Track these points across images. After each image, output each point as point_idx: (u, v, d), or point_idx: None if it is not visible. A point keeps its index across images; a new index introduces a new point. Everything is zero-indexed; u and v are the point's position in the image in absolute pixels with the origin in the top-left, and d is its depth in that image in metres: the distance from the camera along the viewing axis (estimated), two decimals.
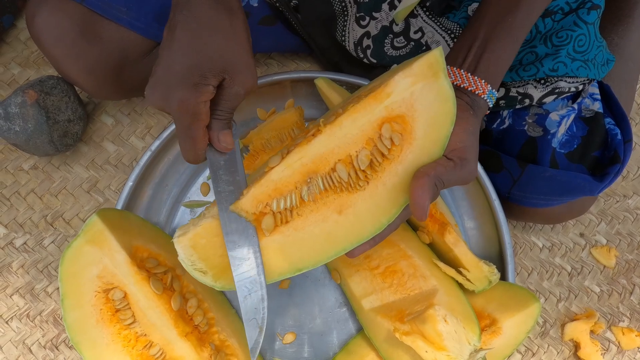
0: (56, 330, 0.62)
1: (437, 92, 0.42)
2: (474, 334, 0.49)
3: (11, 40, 0.71)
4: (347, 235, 0.42)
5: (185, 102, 0.37)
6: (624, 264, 0.70)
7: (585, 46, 0.54)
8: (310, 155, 0.42)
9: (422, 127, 0.42)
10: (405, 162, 0.42)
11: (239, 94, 0.40)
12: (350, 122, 0.42)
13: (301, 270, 0.42)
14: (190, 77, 0.37)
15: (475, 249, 0.61)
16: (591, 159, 0.56)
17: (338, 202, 0.42)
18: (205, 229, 0.42)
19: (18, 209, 0.66)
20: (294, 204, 0.42)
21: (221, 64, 0.38)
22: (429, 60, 0.41)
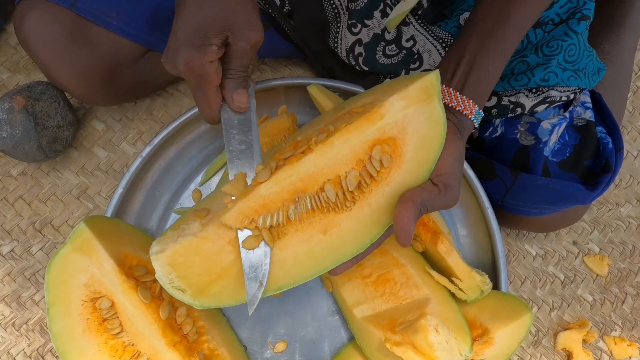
0: (42, 339, 0.61)
1: (429, 115, 0.42)
2: (466, 344, 0.49)
3: (0, 45, 0.71)
4: (330, 255, 0.42)
5: (190, 63, 0.38)
6: (616, 273, 0.70)
7: (575, 56, 0.54)
8: (300, 174, 0.42)
9: (412, 149, 0.42)
10: (392, 184, 0.42)
11: (245, 50, 0.40)
12: (342, 142, 0.42)
13: (282, 288, 0.42)
14: (193, 38, 0.38)
15: (468, 257, 0.61)
16: (583, 167, 0.56)
17: (324, 222, 0.42)
18: (184, 247, 0.41)
19: (5, 215, 0.65)
20: (280, 222, 0.42)
21: (222, 23, 0.38)
22: (425, 83, 0.42)
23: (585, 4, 0.55)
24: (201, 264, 0.41)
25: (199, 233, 0.41)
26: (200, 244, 0.41)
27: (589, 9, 0.54)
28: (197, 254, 0.41)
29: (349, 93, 0.61)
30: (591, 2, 0.55)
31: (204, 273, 0.41)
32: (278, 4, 0.62)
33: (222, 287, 0.41)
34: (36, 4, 0.53)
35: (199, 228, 0.42)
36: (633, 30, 0.66)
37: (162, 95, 0.70)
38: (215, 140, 0.63)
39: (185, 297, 0.41)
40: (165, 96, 0.70)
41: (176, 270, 0.40)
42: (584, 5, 0.54)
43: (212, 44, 0.38)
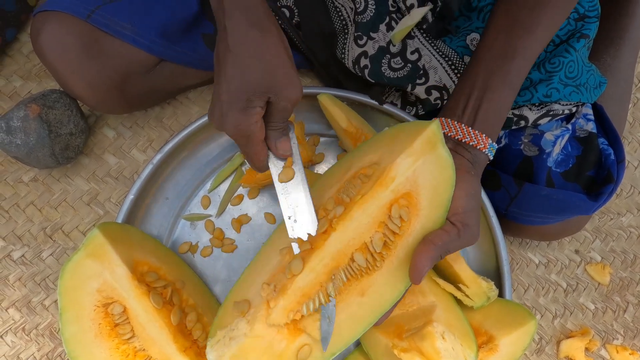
0: (52, 344, 0.61)
1: (437, 162, 0.43)
2: (472, 351, 0.49)
3: (13, 54, 0.72)
4: (371, 312, 0.44)
5: (238, 126, 0.40)
6: (617, 281, 0.70)
7: (575, 72, 0.56)
8: (330, 254, 0.44)
9: (426, 197, 0.44)
10: (414, 233, 0.44)
11: (287, 108, 0.42)
12: (361, 212, 0.44)
13: (334, 354, 0.45)
14: (237, 102, 0.40)
15: (473, 265, 0.62)
16: (586, 178, 0.57)
17: (360, 287, 0.44)
18: (240, 349, 0.44)
19: (17, 221, 0.65)
20: (323, 302, 0.44)
21: (263, 85, 0.40)
22: (428, 135, 0.44)
23: (584, 26, 0.56)
24: (258, 357, 0.44)
25: (249, 333, 0.44)
26: (254, 342, 0.44)
27: (588, 29, 0.56)
28: (253, 351, 0.44)
29: (356, 102, 0.62)
30: (592, 24, 0.56)
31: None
32: (287, 15, 0.64)
33: None
34: (53, 15, 0.54)
35: (248, 327, 0.44)
36: (632, 43, 0.67)
37: (172, 103, 0.71)
38: (225, 148, 0.64)
39: None
40: (175, 104, 0.71)
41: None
42: (583, 27, 0.56)
43: (256, 106, 0.40)
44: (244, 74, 0.39)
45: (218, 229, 0.61)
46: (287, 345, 0.44)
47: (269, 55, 0.40)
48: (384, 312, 0.45)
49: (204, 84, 0.71)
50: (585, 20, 0.56)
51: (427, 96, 0.60)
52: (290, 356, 0.44)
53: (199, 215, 0.62)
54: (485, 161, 0.46)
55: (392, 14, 0.59)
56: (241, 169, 0.63)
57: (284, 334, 0.44)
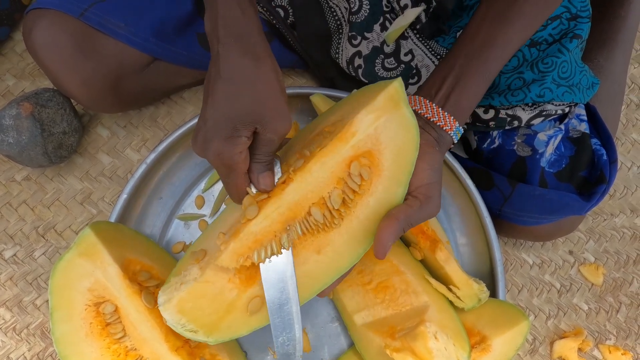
0: (43, 344, 0.61)
1: (400, 122, 0.43)
2: (464, 351, 0.49)
3: (7, 52, 0.72)
4: (327, 272, 0.43)
5: (220, 154, 0.39)
6: (611, 282, 0.71)
7: (569, 72, 0.56)
8: (287, 204, 0.43)
9: (389, 157, 0.43)
10: (375, 193, 0.43)
11: (273, 141, 0.41)
12: (319, 166, 0.43)
13: None
14: (223, 130, 0.39)
15: (467, 265, 0.62)
16: (579, 178, 0.57)
17: (316, 243, 0.43)
18: (189, 293, 0.43)
19: (9, 220, 0.65)
20: (275, 252, 0.43)
21: (251, 116, 0.39)
22: (390, 92, 0.43)
23: (577, 25, 0.56)
24: (208, 305, 0.43)
25: (200, 278, 0.43)
26: (203, 287, 0.43)
27: (581, 29, 0.56)
28: (202, 297, 0.43)
29: None
30: (584, 24, 0.57)
31: (212, 312, 0.43)
32: (282, 15, 0.64)
33: (232, 320, 0.44)
34: (45, 13, 0.54)
35: (199, 273, 0.44)
36: (625, 45, 0.68)
37: (167, 103, 0.71)
38: None
39: (199, 336, 0.43)
40: (169, 104, 0.71)
41: (186, 315, 0.43)
42: (576, 27, 0.56)
43: (242, 135, 0.39)
44: (232, 102, 0.38)
45: None
46: (238, 294, 0.43)
47: (260, 84, 0.39)
48: (340, 274, 0.43)
49: (198, 83, 0.70)
50: (577, 20, 0.57)
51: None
52: (241, 307, 0.43)
53: (193, 215, 0.62)
54: (450, 143, 0.46)
55: (386, 14, 0.60)
56: None
57: (235, 283, 0.43)
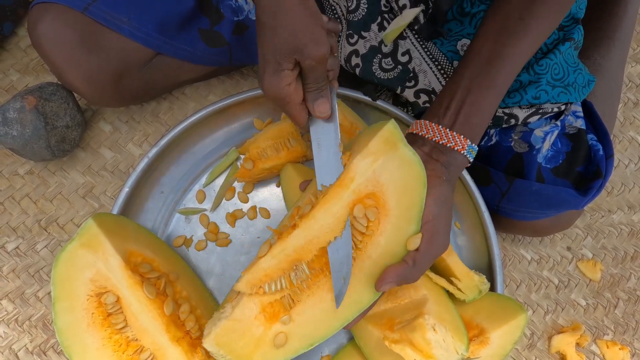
0: (45, 335, 0.61)
1: (400, 162, 0.44)
2: (462, 343, 0.50)
3: (11, 48, 0.72)
4: (346, 310, 0.46)
5: (270, 89, 0.43)
6: (608, 278, 0.71)
7: (561, 74, 0.56)
8: (292, 248, 0.46)
9: (394, 197, 0.44)
10: (385, 233, 0.45)
11: (312, 67, 0.43)
12: (322, 213, 0.45)
13: (312, 345, 0.47)
14: (269, 66, 0.43)
15: (465, 260, 0.62)
16: (575, 174, 0.57)
17: (330, 283, 0.46)
18: (222, 329, 0.47)
19: (12, 213, 0.66)
20: (284, 286, 0.47)
21: (289, 47, 0.41)
22: (384, 135, 0.44)
23: (568, 32, 0.57)
24: (239, 339, 0.47)
25: (230, 316, 0.47)
26: (233, 324, 0.47)
27: (571, 33, 0.57)
28: (233, 332, 0.47)
29: (351, 99, 0.63)
30: (577, 28, 0.57)
31: (244, 346, 0.47)
32: None
33: (262, 354, 0.47)
34: (50, 8, 0.55)
35: (230, 311, 0.47)
36: (622, 44, 0.69)
37: (169, 98, 0.72)
38: (220, 143, 0.64)
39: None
40: (171, 99, 0.72)
41: (223, 347, 0.47)
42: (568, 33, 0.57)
43: (284, 69, 0.42)
44: (271, 39, 0.42)
45: (213, 223, 0.62)
46: (264, 331, 0.47)
47: (290, 17, 0.41)
48: (360, 310, 0.46)
49: (200, 79, 0.71)
50: (565, 30, 0.58)
51: (416, 99, 0.61)
52: (267, 341, 0.47)
53: (194, 209, 0.62)
54: (464, 163, 0.46)
55: (385, 13, 0.60)
56: (236, 163, 0.64)
57: (260, 320, 0.47)
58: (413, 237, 0.44)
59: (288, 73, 0.42)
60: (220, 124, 0.63)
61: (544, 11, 0.47)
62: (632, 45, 0.82)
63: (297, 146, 0.62)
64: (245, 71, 0.74)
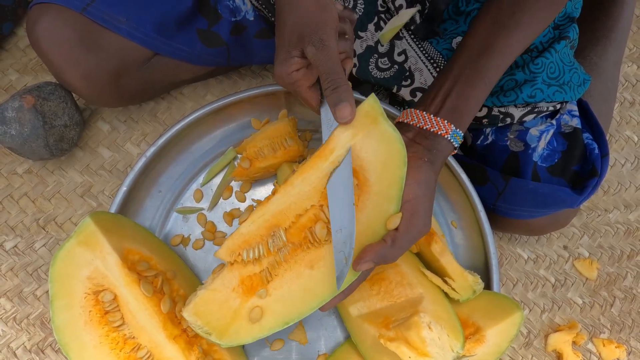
0: (43, 333, 0.62)
1: (381, 137, 0.43)
2: (458, 341, 0.50)
3: (10, 47, 0.73)
4: (323, 287, 0.45)
5: (279, 76, 0.46)
6: (605, 277, 0.71)
7: (557, 72, 0.57)
8: (270, 213, 0.46)
9: (374, 173, 0.44)
10: (365, 210, 0.44)
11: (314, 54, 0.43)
12: (300, 181, 0.46)
13: (288, 323, 0.46)
14: (280, 55, 0.45)
15: (461, 259, 0.62)
16: (571, 172, 0.58)
17: (308, 258, 0.46)
18: (201, 299, 0.47)
19: (10, 212, 0.66)
20: (262, 254, 0.47)
21: (297, 35, 0.44)
22: (365, 109, 0.44)
23: (564, 30, 0.57)
24: (216, 310, 0.47)
25: (209, 286, 0.47)
26: (212, 294, 0.47)
27: (568, 31, 0.57)
28: (211, 303, 0.47)
29: None
30: (573, 27, 0.58)
31: (221, 317, 0.47)
32: None
33: (238, 327, 0.47)
34: (49, 8, 0.55)
35: (210, 282, 0.48)
36: (618, 44, 0.69)
37: (166, 98, 0.72)
38: (218, 142, 0.65)
39: (212, 338, 0.47)
40: (169, 99, 0.72)
41: (200, 318, 0.47)
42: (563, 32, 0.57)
43: (293, 56, 0.44)
44: (283, 30, 0.45)
45: (210, 222, 0.62)
46: (241, 304, 0.47)
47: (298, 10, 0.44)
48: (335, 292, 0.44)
49: (198, 79, 0.71)
50: (560, 29, 0.58)
51: (412, 98, 0.61)
52: (243, 315, 0.47)
53: (192, 208, 0.62)
54: (448, 148, 0.46)
55: (381, 14, 0.60)
56: (234, 163, 0.64)
57: (238, 293, 0.47)
58: (393, 217, 0.43)
59: (297, 60, 0.44)
60: (218, 123, 0.64)
61: (536, 7, 0.47)
62: (628, 45, 0.82)
63: (294, 145, 0.62)
64: (243, 71, 0.75)
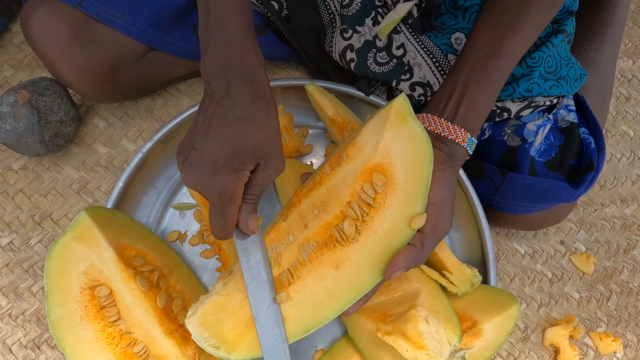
0: (39, 329, 0.61)
1: (409, 136, 0.43)
2: (455, 335, 0.49)
3: (5, 44, 0.72)
4: (348, 289, 0.44)
5: (226, 186, 0.40)
6: (601, 271, 0.71)
7: (554, 66, 0.57)
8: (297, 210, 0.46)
9: (402, 171, 0.43)
10: (391, 207, 0.43)
11: (271, 177, 0.42)
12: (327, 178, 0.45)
13: (310, 330, 0.44)
14: (231, 163, 0.40)
15: (459, 254, 0.62)
16: (568, 167, 0.58)
17: (333, 257, 0.44)
18: (211, 306, 0.44)
19: (5, 208, 0.65)
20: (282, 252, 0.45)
21: (258, 152, 0.41)
22: (394, 108, 0.44)
23: (561, 24, 0.57)
24: (229, 318, 0.43)
25: (221, 291, 0.44)
26: (224, 300, 0.44)
27: (565, 24, 0.57)
28: (223, 310, 0.43)
29: (344, 94, 0.63)
30: (567, 20, 0.58)
31: (233, 327, 0.43)
32: (276, 7, 0.64)
33: (252, 338, 0.43)
34: (43, 2, 0.54)
35: (221, 287, 0.45)
36: (613, 39, 0.69)
37: (163, 94, 0.72)
38: None
39: (221, 353, 0.43)
40: (165, 96, 0.72)
41: (208, 329, 0.43)
42: (561, 25, 0.57)
43: (247, 169, 0.41)
44: (244, 139, 0.40)
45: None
46: None
47: (269, 126, 0.41)
48: (362, 293, 0.44)
49: (193, 75, 0.71)
50: (559, 22, 0.58)
51: (411, 92, 0.61)
52: None
53: (188, 204, 0.62)
54: (464, 155, 0.47)
55: (378, 8, 0.60)
56: None
57: None
58: (418, 216, 0.43)
59: (247, 174, 0.41)
60: None
61: (539, 5, 0.47)
62: (624, 41, 0.83)
63: (290, 141, 0.62)
64: None
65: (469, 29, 0.59)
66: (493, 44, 0.46)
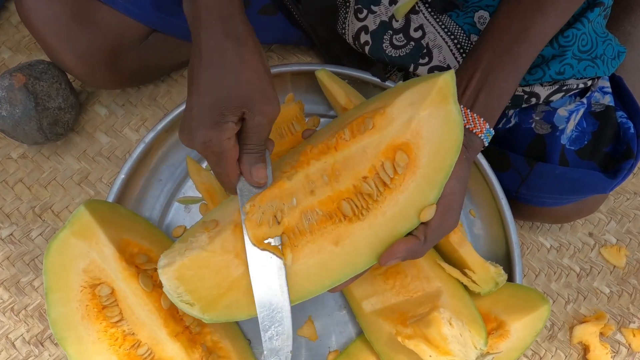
0: (41, 325, 0.60)
1: (445, 119, 0.40)
2: (481, 338, 0.47)
3: (2, 23, 0.69)
4: (343, 268, 0.41)
5: (208, 142, 0.38)
6: (634, 264, 0.68)
7: (589, 45, 0.52)
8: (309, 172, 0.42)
9: (427, 155, 0.41)
10: (406, 192, 0.41)
11: (262, 124, 0.39)
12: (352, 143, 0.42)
13: (294, 302, 0.41)
14: (209, 117, 0.38)
15: (481, 250, 0.59)
16: (602, 155, 0.54)
17: (335, 232, 0.41)
18: (192, 260, 0.41)
19: (5, 198, 0.64)
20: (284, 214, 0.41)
21: (237, 100, 0.38)
22: (438, 84, 0.40)
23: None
24: (210, 277, 0.41)
25: (207, 246, 0.41)
26: (208, 257, 0.41)
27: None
28: (205, 267, 0.41)
29: (357, 80, 0.59)
30: None
31: (213, 287, 0.41)
32: None
33: (233, 300, 0.41)
34: None
35: (207, 241, 0.42)
36: None
37: (166, 81, 0.69)
38: None
39: (194, 311, 0.41)
40: (169, 82, 0.69)
41: (184, 284, 0.41)
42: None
43: (229, 121, 0.38)
44: (217, 87, 0.37)
45: None
46: (244, 273, 0.41)
47: (244, 67, 0.38)
48: (356, 272, 0.41)
49: None
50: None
51: None
52: (244, 287, 0.41)
53: (194, 198, 0.59)
54: (480, 147, 0.44)
55: None
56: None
57: (242, 259, 0.41)
58: (428, 207, 0.41)
59: (231, 126, 0.38)
60: None
61: None
62: None
63: (301, 130, 0.58)
64: None
65: (494, 7, 0.55)
66: (521, 25, 0.43)
